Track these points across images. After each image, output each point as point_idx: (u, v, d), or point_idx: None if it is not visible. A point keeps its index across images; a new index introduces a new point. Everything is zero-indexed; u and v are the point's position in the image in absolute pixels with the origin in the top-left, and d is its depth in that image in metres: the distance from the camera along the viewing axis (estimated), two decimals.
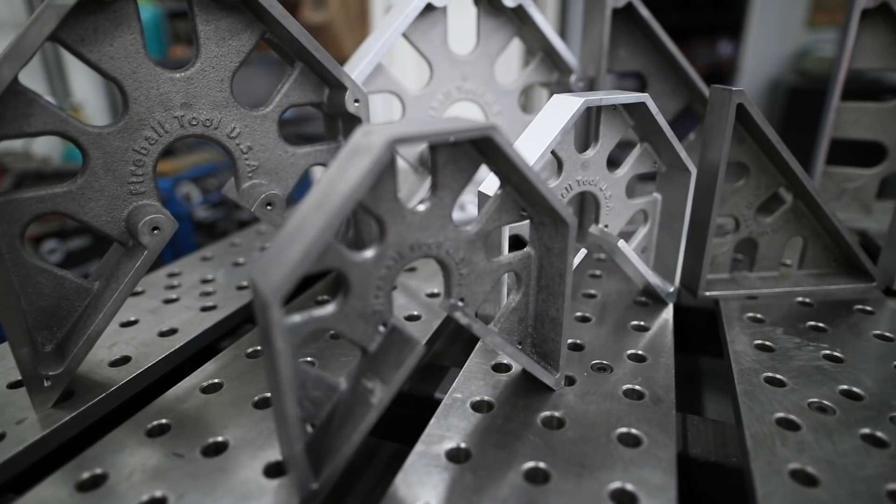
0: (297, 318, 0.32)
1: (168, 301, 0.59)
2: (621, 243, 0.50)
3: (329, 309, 0.33)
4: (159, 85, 0.44)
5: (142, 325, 0.55)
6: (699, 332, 0.65)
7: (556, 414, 0.40)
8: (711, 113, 0.52)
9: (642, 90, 0.64)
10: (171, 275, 0.66)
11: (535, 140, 0.44)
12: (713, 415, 0.76)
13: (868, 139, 0.75)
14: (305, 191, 0.34)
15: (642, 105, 0.46)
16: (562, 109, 0.44)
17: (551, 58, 0.69)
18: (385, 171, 0.31)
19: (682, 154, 0.50)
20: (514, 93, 0.70)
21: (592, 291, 0.59)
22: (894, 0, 0.67)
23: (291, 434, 0.31)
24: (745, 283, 0.59)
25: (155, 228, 0.44)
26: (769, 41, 3.47)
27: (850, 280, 0.59)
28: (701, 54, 6.64)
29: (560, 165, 0.48)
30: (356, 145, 0.30)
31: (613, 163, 0.51)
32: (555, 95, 0.46)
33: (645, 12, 0.66)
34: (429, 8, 0.61)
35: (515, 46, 0.71)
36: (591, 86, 0.70)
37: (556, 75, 0.71)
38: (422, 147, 0.68)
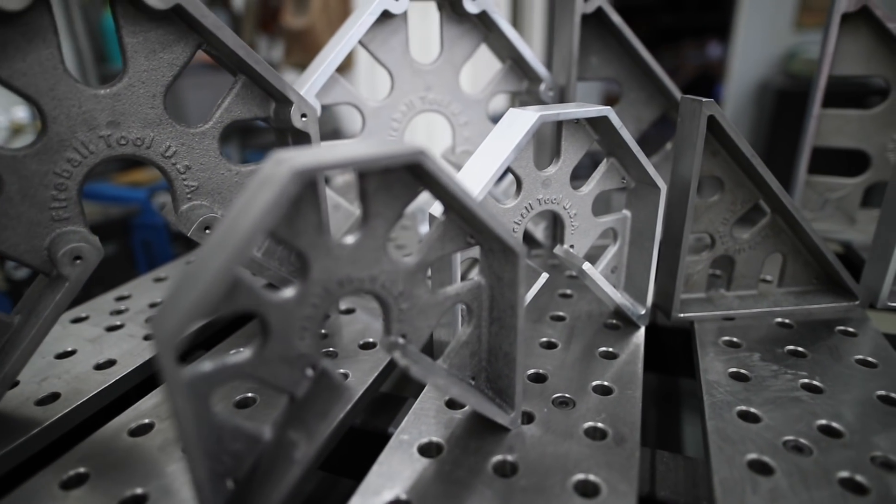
0: (207, 367, 0.28)
1: (111, 328, 0.56)
2: (586, 265, 0.47)
3: (245, 355, 0.29)
4: (82, 103, 0.41)
5: (79, 356, 0.51)
6: (676, 352, 0.62)
7: (510, 458, 0.37)
8: (682, 125, 0.49)
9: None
10: (120, 298, 0.63)
11: (488, 159, 0.41)
12: (690, 437, 0.73)
13: (851, 147, 0.72)
14: None
15: (605, 119, 0.43)
16: (517, 125, 0.40)
17: (520, 66, 0.66)
18: (303, 202, 0.28)
19: (650, 170, 0.47)
20: (482, 102, 0.67)
21: (561, 313, 0.56)
22: (875, 4, 0.64)
23: (203, 497, 0.28)
24: (722, 303, 0.56)
25: (77, 258, 0.41)
26: (757, 43, 3.46)
27: (832, 298, 0.56)
28: (691, 56, 6.67)
29: (519, 184, 0.45)
30: (265, 176, 0.26)
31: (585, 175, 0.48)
32: (510, 110, 0.43)
33: (616, 18, 0.64)
34: (386, 15, 0.57)
35: (488, 55, 0.68)
36: (562, 95, 0.67)
37: (526, 84, 0.68)
38: None
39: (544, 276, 0.44)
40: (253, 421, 0.42)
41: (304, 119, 0.49)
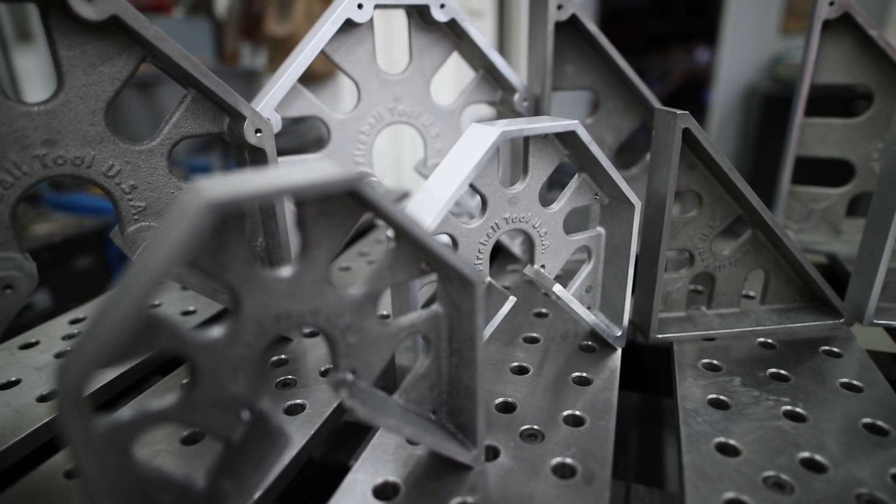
0: (125, 415, 0.26)
1: (61, 354, 0.53)
2: (557, 287, 0.45)
3: (170, 400, 0.27)
4: (12, 121, 0.38)
5: (23, 386, 0.48)
6: (658, 370, 0.60)
7: (469, 501, 0.34)
8: (657, 138, 0.47)
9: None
10: (75, 321, 0.60)
11: (447, 178, 0.38)
12: (673, 462, 0.71)
13: (835, 157, 0.70)
14: None
15: (573, 134, 0.41)
16: (478, 142, 0.38)
17: (493, 76, 0.64)
18: (229, 234, 0.26)
19: (623, 186, 0.44)
20: (455, 113, 0.64)
21: (535, 334, 0.54)
22: (857, 10, 0.62)
23: None
24: (703, 322, 0.54)
25: (7, 287, 0.38)
26: (744, 48, 3.46)
27: (817, 316, 0.54)
28: (679, 61, 6.70)
29: (484, 203, 0.42)
30: (181, 207, 0.24)
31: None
32: (472, 125, 0.40)
33: (591, 26, 0.61)
34: (350, 24, 0.55)
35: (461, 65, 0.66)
36: (537, 105, 0.64)
37: (500, 94, 0.65)
38: None
39: (511, 301, 0.42)
40: (203, 458, 0.39)
41: (258, 135, 0.46)
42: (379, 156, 0.63)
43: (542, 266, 0.47)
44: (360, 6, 0.54)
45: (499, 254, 0.74)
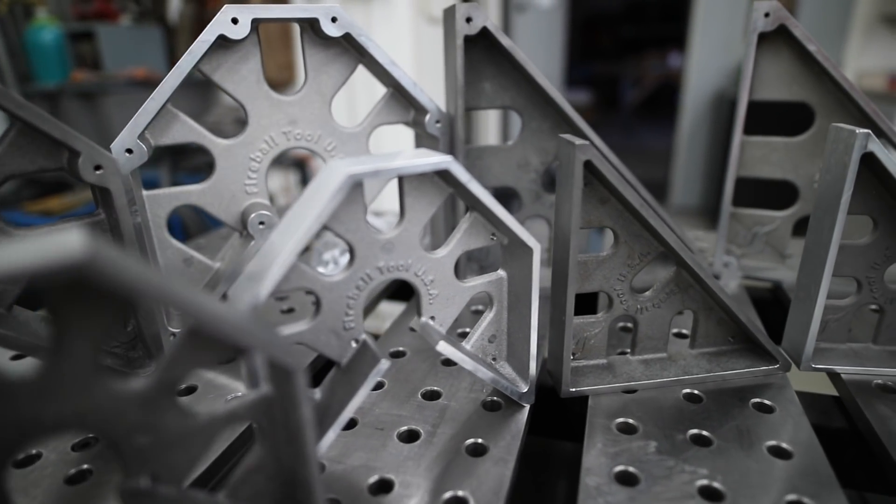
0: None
1: None
2: (441, 345, 0.39)
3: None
4: None
5: None
6: (581, 418, 0.54)
7: None
8: (560, 170, 0.42)
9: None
10: None
11: (294, 226, 0.32)
12: None
13: (777, 178, 0.66)
14: None
15: (447, 172, 0.35)
16: (325, 186, 0.32)
17: (403, 95, 0.58)
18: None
19: (515, 227, 0.39)
20: (362, 136, 0.58)
21: (437, 388, 0.48)
22: (793, 23, 0.57)
23: None
24: (624, 371, 0.48)
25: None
26: (712, 53, 3.46)
27: (750, 361, 0.49)
28: (653, 66, 6.74)
29: (351, 252, 0.36)
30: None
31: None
32: (326, 163, 0.34)
33: (505, 41, 0.56)
34: (227, 41, 0.49)
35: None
36: (451, 126, 0.59)
37: (413, 114, 0.59)
38: (245, 205, 0.55)
39: (383, 365, 0.36)
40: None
41: (98, 172, 0.40)
42: None
43: (432, 318, 0.41)
44: (235, 21, 0.48)
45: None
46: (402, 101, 0.59)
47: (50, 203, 2.05)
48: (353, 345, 0.38)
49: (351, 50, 0.55)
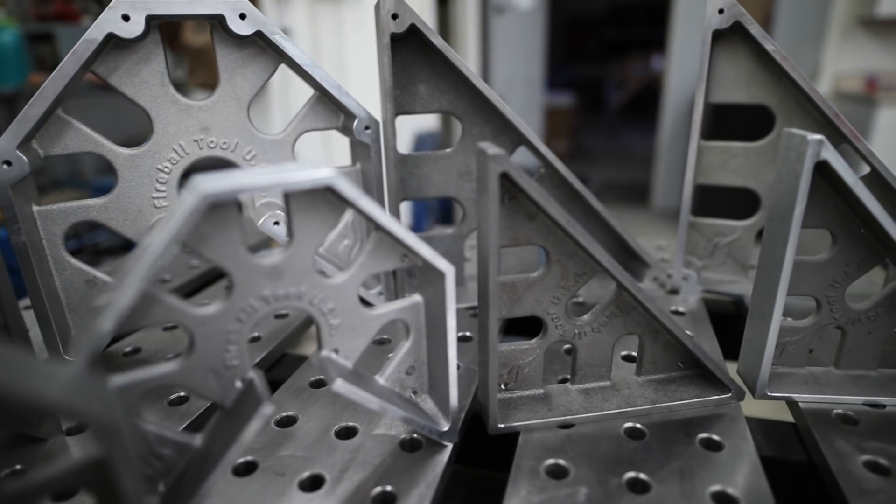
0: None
1: None
2: (337, 384, 0.34)
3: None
4: None
5: None
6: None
7: None
8: (480, 183, 0.37)
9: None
10: None
11: (147, 250, 0.27)
12: None
13: (737, 185, 0.62)
14: None
15: (329, 190, 0.30)
16: (180, 207, 0.27)
17: (330, 99, 0.53)
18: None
19: (423, 251, 0.34)
20: (285, 143, 0.53)
21: (354, 424, 0.43)
22: (749, 20, 0.53)
23: None
24: (561, 402, 0.44)
25: None
26: (692, 56, 3.44)
27: (701, 390, 0.45)
28: (636, 69, 6.75)
29: (230, 281, 0.31)
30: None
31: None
32: (190, 180, 0.29)
33: (437, 40, 0.51)
34: (122, 40, 0.44)
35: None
36: (383, 131, 0.54)
37: (343, 119, 0.55)
38: (154, 220, 0.50)
39: (267, 409, 0.31)
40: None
41: None
42: None
43: (335, 350, 0.36)
44: (126, 18, 0.43)
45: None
46: (329, 105, 0.54)
47: None
48: (238, 384, 0.33)
49: (269, 50, 0.51)
